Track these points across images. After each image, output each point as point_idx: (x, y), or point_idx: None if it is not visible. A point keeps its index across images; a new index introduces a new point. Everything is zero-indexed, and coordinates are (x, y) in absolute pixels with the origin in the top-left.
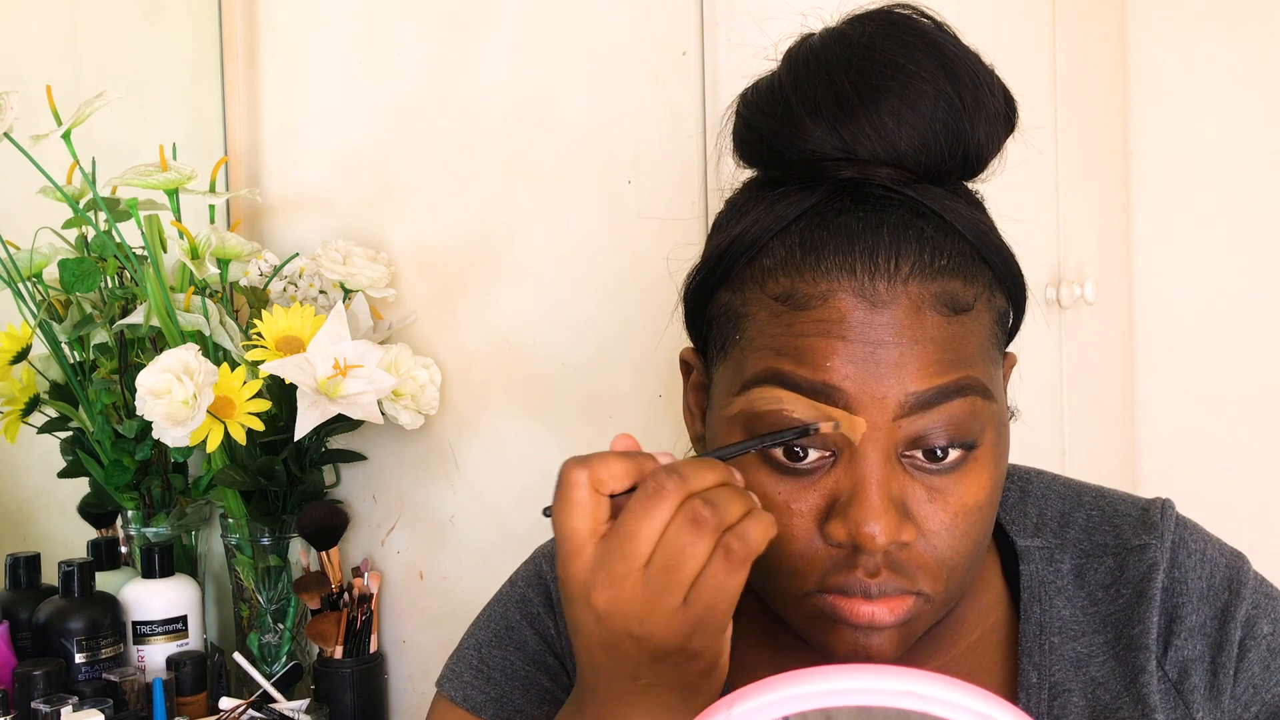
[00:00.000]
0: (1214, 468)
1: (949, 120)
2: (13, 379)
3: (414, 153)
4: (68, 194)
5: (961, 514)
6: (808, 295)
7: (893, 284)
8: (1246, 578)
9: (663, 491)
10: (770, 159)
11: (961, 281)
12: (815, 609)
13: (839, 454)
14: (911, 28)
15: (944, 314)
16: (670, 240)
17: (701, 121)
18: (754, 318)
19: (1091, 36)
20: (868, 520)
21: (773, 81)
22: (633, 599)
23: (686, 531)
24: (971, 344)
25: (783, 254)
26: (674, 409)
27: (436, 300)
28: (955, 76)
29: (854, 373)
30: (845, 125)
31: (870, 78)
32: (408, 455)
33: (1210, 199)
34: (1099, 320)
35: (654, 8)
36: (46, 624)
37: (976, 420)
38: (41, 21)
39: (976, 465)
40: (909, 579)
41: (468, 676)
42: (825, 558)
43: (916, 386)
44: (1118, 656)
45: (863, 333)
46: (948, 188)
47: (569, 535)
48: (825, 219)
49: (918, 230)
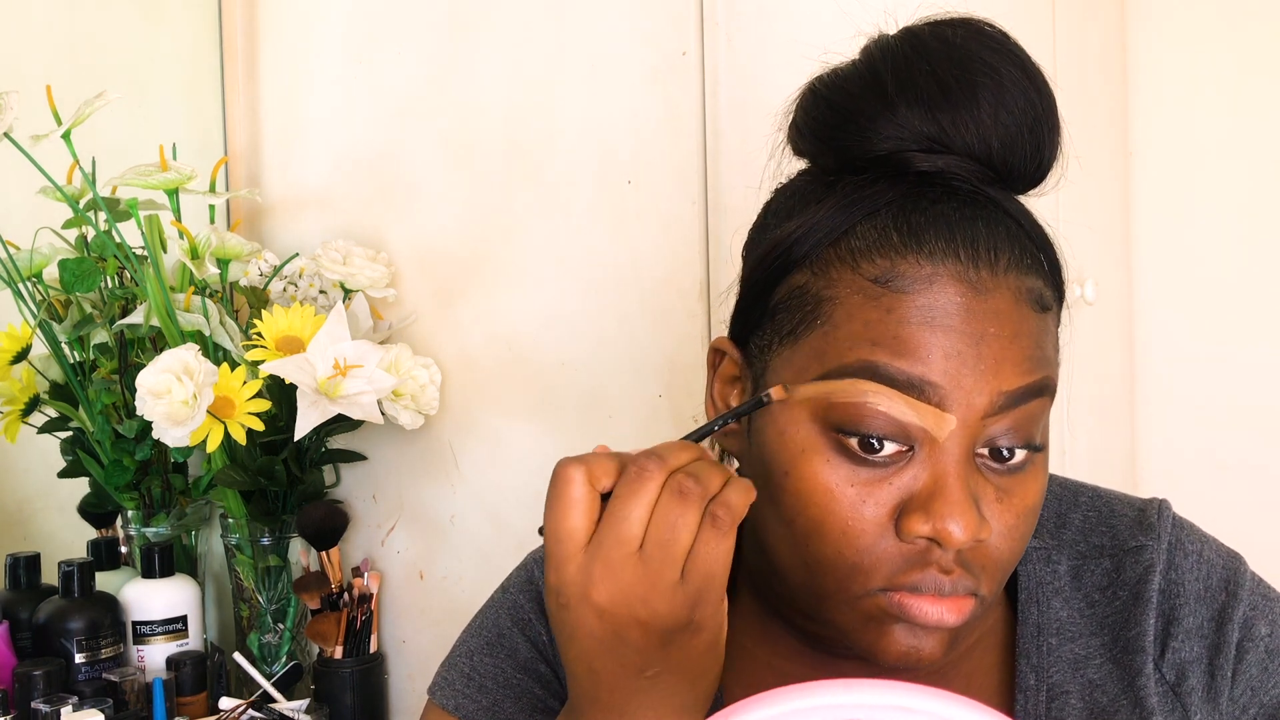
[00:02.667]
0: (1214, 468)
1: (1034, 127)
2: (13, 379)
3: (414, 153)
4: (68, 194)
5: (1023, 515)
6: (911, 278)
7: (995, 273)
8: (1244, 579)
9: (646, 472)
10: (851, 146)
11: (1044, 282)
12: (876, 608)
13: (917, 448)
14: (999, 38)
15: (1035, 310)
16: (670, 240)
17: (701, 121)
18: (842, 301)
19: (1091, 36)
20: (952, 515)
21: (859, 68)
22: (634, 582)
23: (675, 505)
24: (1050, 344)
25: (875, 236)
26: (674, 409)
27: (436, 300)
28: (1039, 89)
29: (952, 368)
30: (944, 113)
31: (970, 74)
32: (408, 455)
33: (1210, 199)
34: (1099, 320)
35: (654, 8)
36: (46, 624)
37: (1042, 420)
38: (41, 21)
39: (1036, 468)
40: (975, 579)
41: (459, 684)
42: (895, 554)
43: (1009, 385)
44: (1114, 659)
45: (967, 322)
46: (1015, 195)
47: (567, 535)
48: (919, 206)
49: (1006, 227)
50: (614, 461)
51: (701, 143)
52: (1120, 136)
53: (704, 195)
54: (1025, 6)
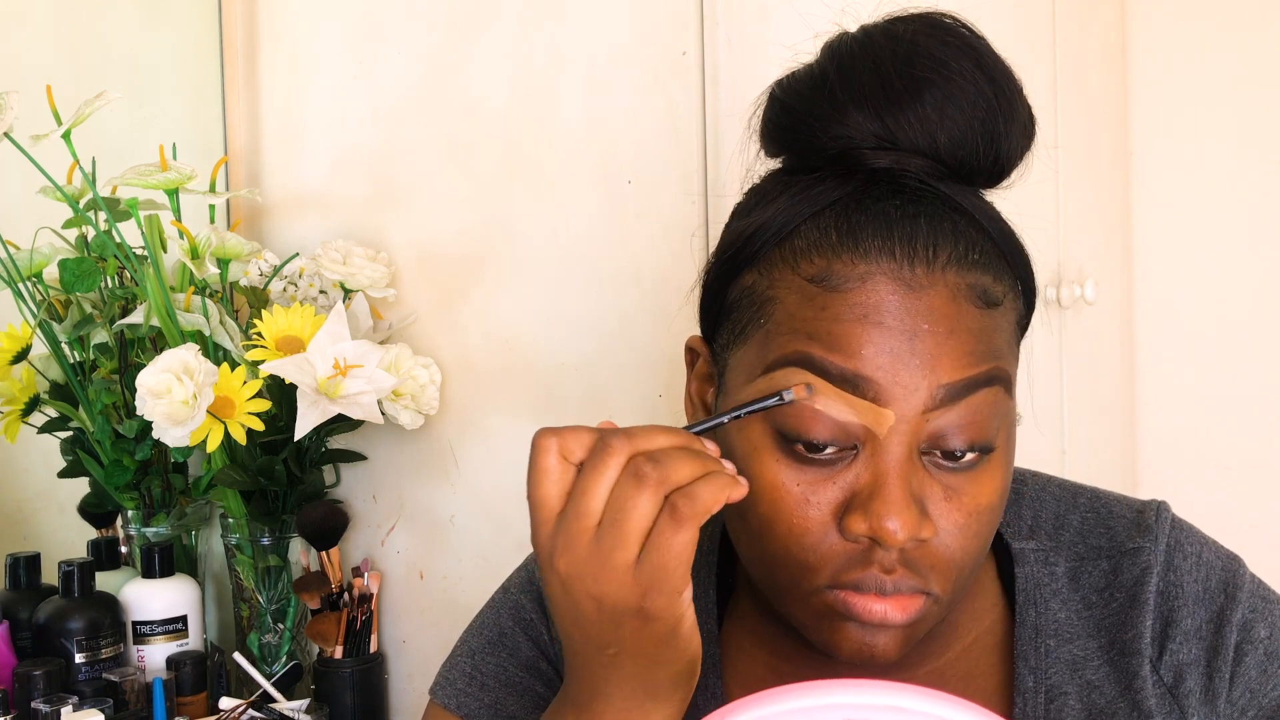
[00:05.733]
0: (1214, 468)
1: (986, 120)
2: (13, 379)
3: (414, 153)
4: (68, 194)
5: (975, 514)
6: (844, 277)
7: (931, 270)
8: (1243, 581)
9: (609, 449)
10: (805, 146)
11: (991, 277)
12: (825, 605)
13: (860, 447)
14: (953, 31)
15: (978, 306)
16: (670, 240)
17: (701, 121)
18: (783, 301)
19: (1091, 36)
20: (890, 515)
21: (813, 70)
22: (588, 558)
23: (628, 486)
24: (1000, 338)
25: (817, 236)
26: (674, 408)
27: (436, 300)
28: (993, 80)
29: (887, 363)
30: (889, 112)
31: (915, 70)
32: (408, 455)
33: (1210, 199)
34: (1099, 320)
35: (654, 8)
36: (46, 624)
37: (995, 418)
38: (41, 21)
39: (991, 466)
40: (921, 578)
41: (461, 684)
42: (840, 552)
43: (949, 378)
44: (1112, 660)
45: (900, 319)
46: (974, 189)
47: (539, 503)
48: (862, 205)
49: (952, 223)
50: (590, 435)
51: (701, 143)
52: (1120, 136)
53: (704, 195)
54: (1025, 6)
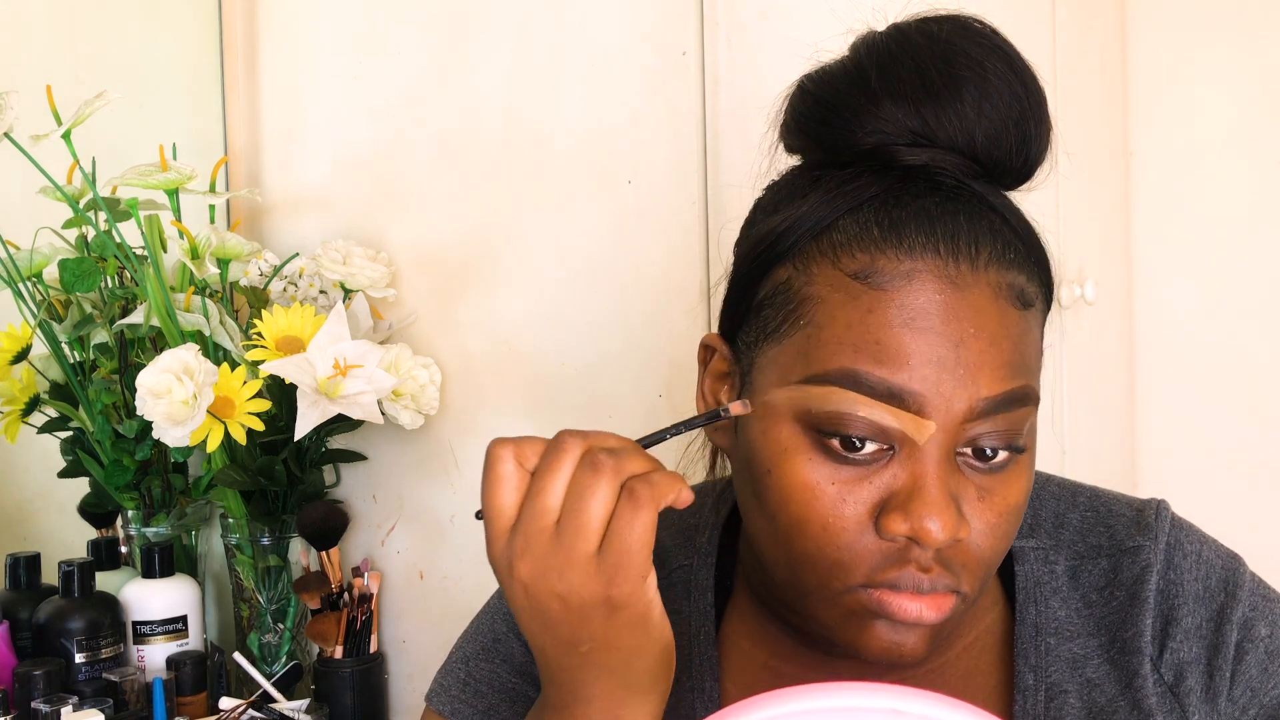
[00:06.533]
0: (1214, 468)
1: (1019, 121)
2: (13, 379)
3: (414, 153)
4: (68, 194)
5: (1005, 514)
6: (890, 274)
7: (975, 268)
8: (1243, 580)
9: (564, 446)
10: (838, 140)
11: (1026, 277)
12: (858, 604)
13: (898, 448)
14: (984, 33)
15: (1016, 306)
16: (670, 240)
17: (701, 122)
18: (825, 301)
19: (1091, 36)
20: (930, 515)
21: (847, 65)
22: (550, 555)
23: (586, 475)
24: (1032, 345)
25: (857, 230)
26: (674, 408)
27: (436, 300)
28: (1025, 84)
29: (931, 374)
30: (928, 107)
31: (954, 68)
32: (408, 455)
33: (1210, 199)
34: (1099, 320)
35: (654, 8)
36: (46, 624)
37: (1026, 421)
38: (41, 21)
39: (1020, 467)
40: (955, 576)
41: (455, 690)
42: (875, 551)
43: (988, 392)
44: (1112, 659)
45: (946, 324)
46: (1000, 190)
47: (495, 511)
48: (901, 200)
49: (989, 221)
50: (543, 442)
51: (701, 143)
52: (1120, 136)
53: (704, 195)
54: (1025, 6)
